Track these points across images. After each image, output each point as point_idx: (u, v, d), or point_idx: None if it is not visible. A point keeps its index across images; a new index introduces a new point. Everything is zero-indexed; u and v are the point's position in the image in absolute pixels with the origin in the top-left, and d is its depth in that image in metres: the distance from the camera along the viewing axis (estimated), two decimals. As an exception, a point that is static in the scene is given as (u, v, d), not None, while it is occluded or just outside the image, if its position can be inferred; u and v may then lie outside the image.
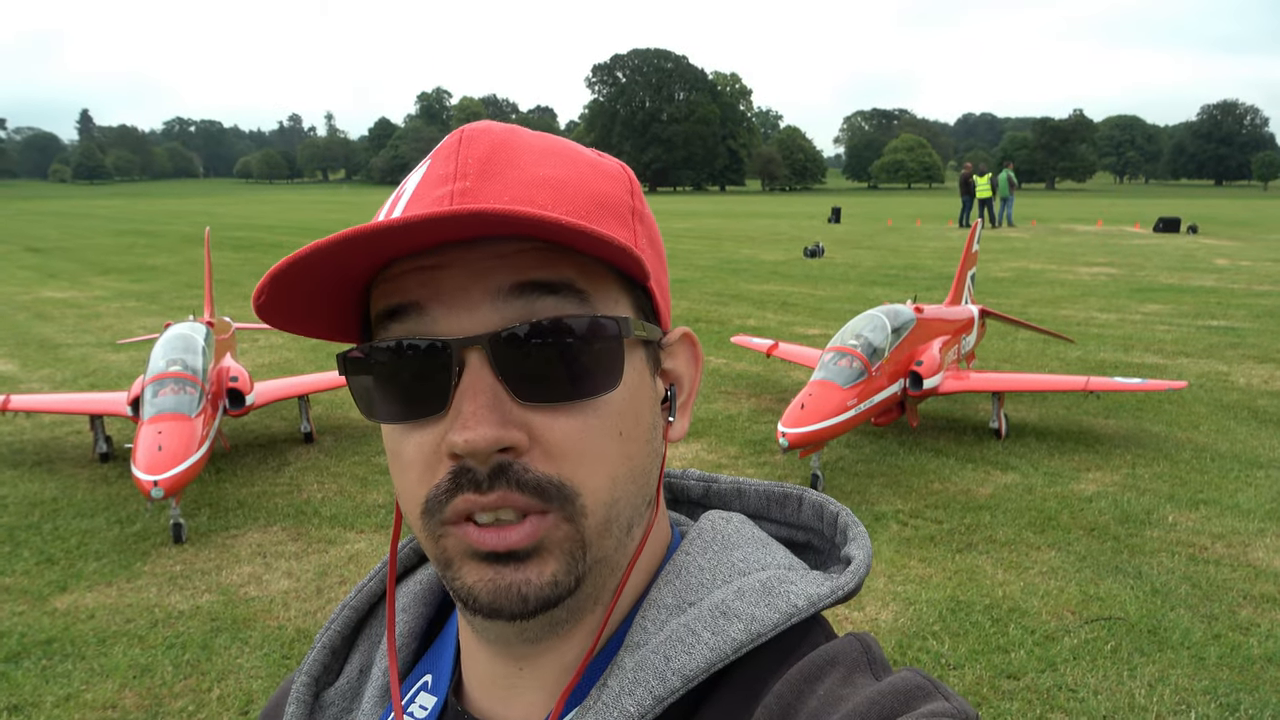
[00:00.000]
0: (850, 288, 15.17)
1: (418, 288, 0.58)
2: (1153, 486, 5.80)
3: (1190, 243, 23.72)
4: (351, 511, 5.53)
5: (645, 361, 0.64)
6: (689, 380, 0.69)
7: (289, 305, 0.60)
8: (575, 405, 0.58)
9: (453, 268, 0.57)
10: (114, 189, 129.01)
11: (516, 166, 0.60)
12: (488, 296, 0.57)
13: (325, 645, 0.75)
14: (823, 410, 5.57)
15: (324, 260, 0.55)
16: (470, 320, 0.57)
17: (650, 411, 0.64)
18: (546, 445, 0.57)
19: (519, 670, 0.65)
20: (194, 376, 5.54)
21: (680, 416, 0.68)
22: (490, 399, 0.56)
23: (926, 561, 4.78)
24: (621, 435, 0.60)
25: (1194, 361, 9.33)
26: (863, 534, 0.70)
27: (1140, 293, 14.31)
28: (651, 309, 0.65)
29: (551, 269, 0.58)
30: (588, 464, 0.58)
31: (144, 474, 4.71)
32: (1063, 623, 4.12)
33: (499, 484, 0.56)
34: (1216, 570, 4.62)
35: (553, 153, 0.62)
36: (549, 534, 0.57)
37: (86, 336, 11.47)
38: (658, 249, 0.68)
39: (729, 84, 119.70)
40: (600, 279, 0.60)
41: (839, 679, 0.58)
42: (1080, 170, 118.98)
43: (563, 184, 0.60)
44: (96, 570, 4.76)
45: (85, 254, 22.97)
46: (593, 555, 0.59)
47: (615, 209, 0.63)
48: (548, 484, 0.57)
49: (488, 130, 0.62)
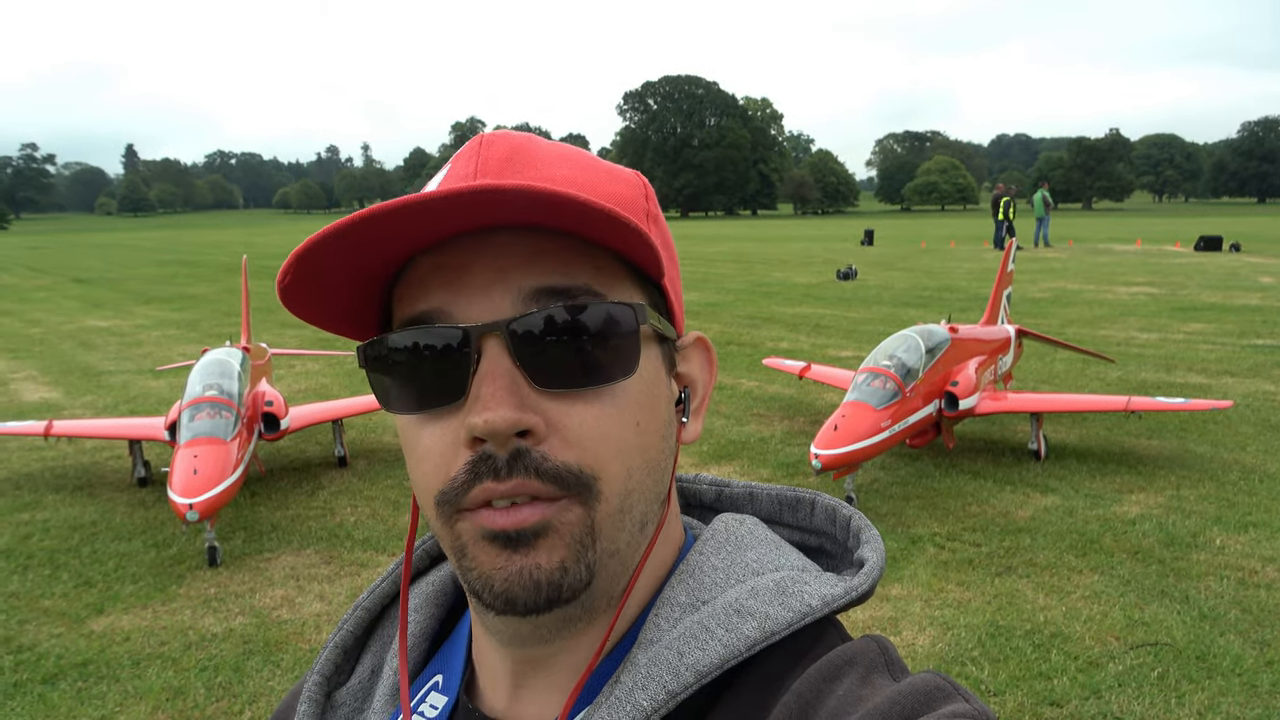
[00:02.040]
0: (884, 309, 15.05)
1: (439, 291, 0.59)
2: (1199, 509, 5.65)
3: (1233, 261, 23.26)
4: (384, 535, 5.55)
5: (660, 358, 0.64)
6: (703, 384, 0.70)
7: (312, 290, 0.60)
8: (592, 392, 0.59)
9: (475, 268, 0.58)
10: (157, 221, 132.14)
11: (535, 167, 0.61)
12: (509, 294, 0.58)
13: (337, 645, 0.76)
14: (856, 432, 5.50)
15: (348, 239, 0.56)
16: (489, 311, 0.58)
17: (665, 408, 0.64)
18: (564, 432, 0.58)
19: (531, 670, 0.65)
20: (230, 401, 5.60)
21: (694, 419, 0.68)
22: (509, 383, 0.57)
23: (965, 585, 4.68)
24: (638, 426, 0.61)
25: (1239, 381, 9.11)
26: (875, 537, 0.70)
27: (1182, 312, 14.03)
28: (665, 308, 0.66)
29: (569, 273, 0.59)
30: (605, 451, 0.59)
31: (179, 497, 4.76)
32: (1107, 648, 4.01)
33: (517, 470, 0.56)
34: (1268, 595, 4.47)
35: (568, 158, 0.64)
36: (559, 516, 0.58)
37: (128, 364, 11.69)
38: (671, 254, 0.68)
39: (760, 109, 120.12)
40: (616, 277, 0.61)
41: (858, 679, 0.58)
42: (1117, 190, 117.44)
43: (578, 184, 0.61)
44: (133, 593, 4.81)
45: (129, 284, 23.49)
46: (603, 545, 0.59)
47: (632, 210, 0.64)
48: (565, 471, 0.57)
49: (506, 135, 0.64)
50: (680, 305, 0.68)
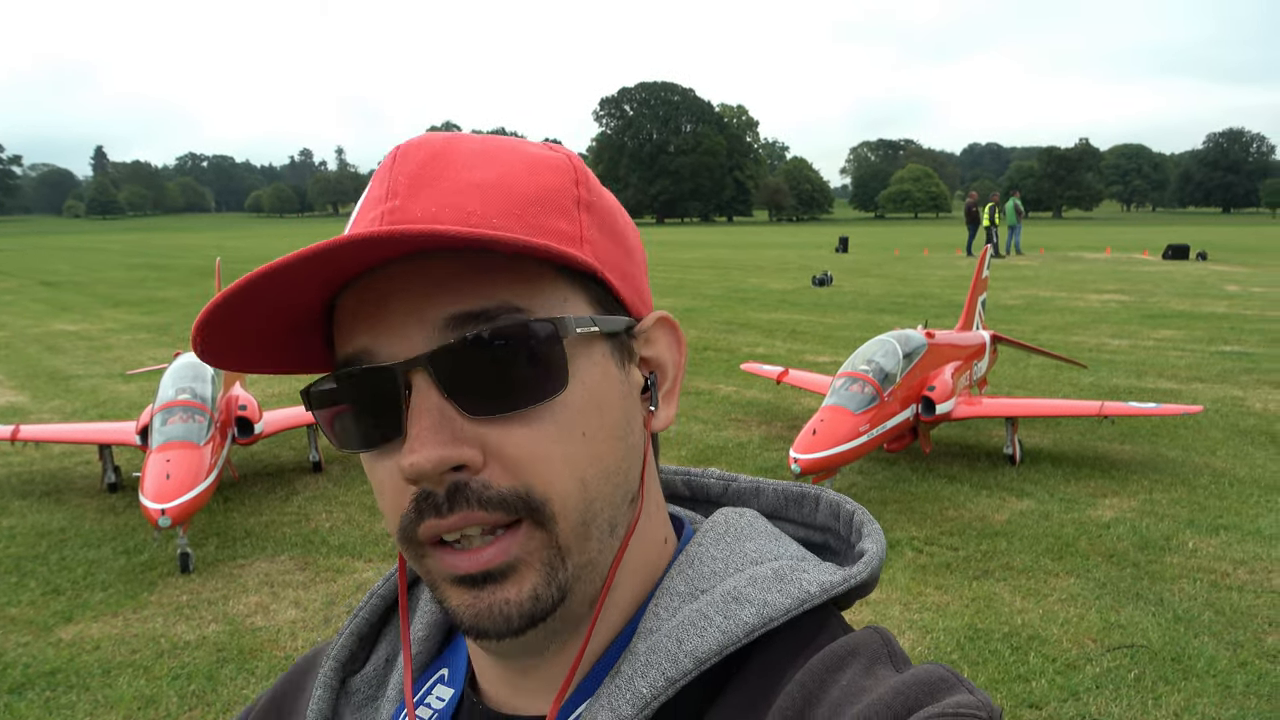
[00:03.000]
0: (859, 315, 15.14)
1: (363, 333, 0.58)
2: (1171, 512, 5.72)
3: (1200, 269, 23.65)
4: (360, 540, 5.49)
5: (609, 354, 0.62)
6: (672, 365, 0.67)
7: (236, 342, 0.60)
8: (526, 413, 0.57)
9: (393, 301, 0.57)
10: (127, 224, 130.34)
11: (445, 177, 0.59)
12: (424, 327, 0.57)
13: (353, 632, 0.76)
14: (835, 436, 5.52)
15: (253, 299, 0.55)
16: (409, 346, 0.57)
17: (619, 406, 0.62)
18: (504, 458, 0.57)
19: (524, 674, 0.65)
20: (203, 405, 5.53)
21: (665, 404, 0.66)
22: (436, 419, 0.56)
23: (943, 589, 4.71)
24: (585, 436, 0.59)
25: (1209, 387, 9.25)
26: (877, 530, 0.70)
27: (1152, 319, 14.23)
28: (613, 299, 0.63)
29: (486, 294, 0.57)
30: (551, 470, 0.57)
31: (151, 502, 4.69)
32: (1084, 651, 4.04)
33: (458, 505, 0.56)
34: (1240, 597, 4.53)
35: (488, 155, 0.61)
36: (522, 547, 0.57)
37: (97, 368, 11.50)
38: (616, 236, 0.65)
39: (735, 116, 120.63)
40: (541, 283, 0.59)
41: (861, 669, 0.57)
42: (1087, 199, 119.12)
43: (493, 186, 0.59)
44: (102, 600, 4.72)
45: (97, 287, 23.14)
46: (575, 561, 0.59)
47: (554, 202, 0.61)
48: (512, 496, 0.56)
49: (423, 144, 0.61)
50: (636, 290, 0.65)
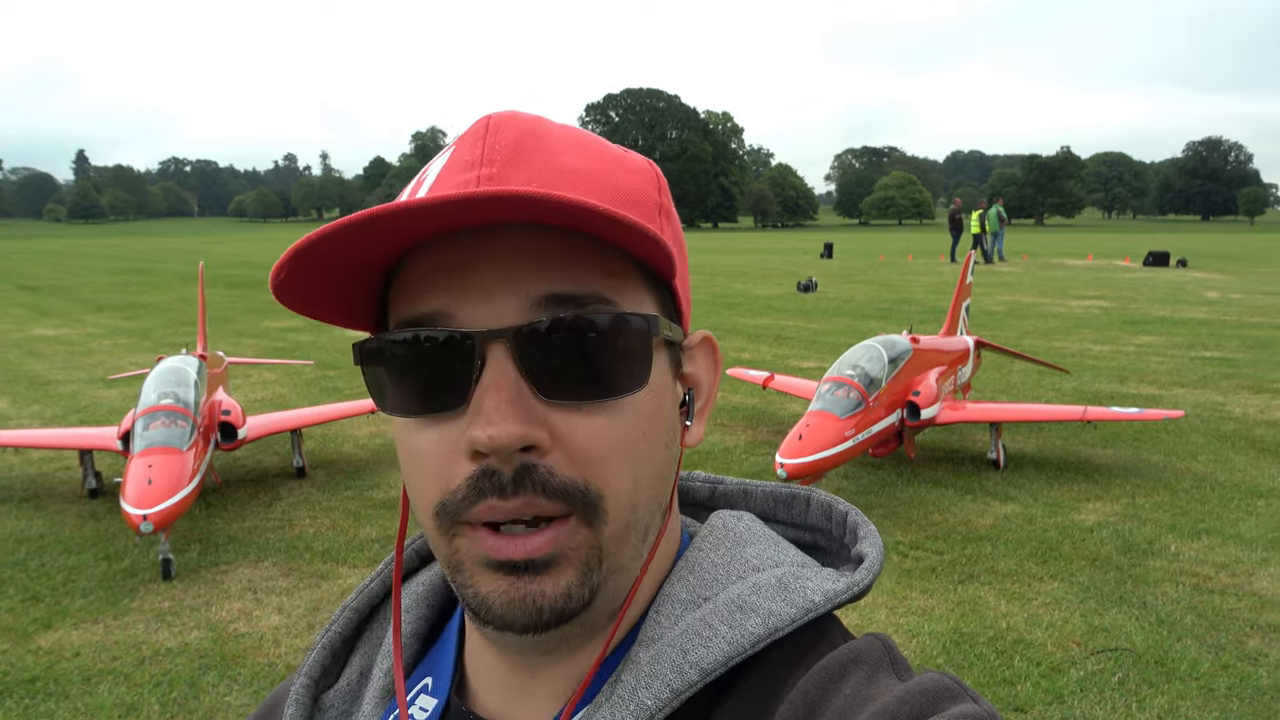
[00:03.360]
0: (844, 321, 15.20)
1: (440, 293, 0.56)
2: (1154, 516, 5.76)
3: (1180, 276, 23.88)
4: (344, 546, 5.45)
5: (667, 363, 0.62)
6: (708, 385, 0.68)
7: (306, 287, 0.58)
8: (600, 405, 0.56)
9: (478, 271, 0.56)
10: (109, 228, 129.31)
11: (543, 155, 0.58)
12: (515, 299, 0.55)
13: (325, 647, 0.74)
14: (821, 441, 5.54)
15: (346, 241, 0.54)
16: (494, 316, 0.55)
17: (671, 414, 0.62)
18: (570, 447, 0.55)
19: (528, 675, 0.63)
20: (186, 410, 5.48)
21: (697, 422, 0.66)
22: (514, 395, 0.54)
23: (928, 593, 4.72)
24: (645, 436, 0.59)
25: (1189, 392, 9.33)
26: (873, 532, 0.69)
27: (1133, 325, 14.35)
28: (675, 309, 0.64)
29: (578, 279, 0.56)
30: (612, 466, 0.56)
31: (133, 508, 4.64)
32: (1068, 654, 4.06)
33: (524, 488, 0.54)
34: (1222, 600, 4.57)
35: (579, 144, 0.61)
36: (568, 542, 0.56)
37: (78, 373, 11.39)
38: (681, 249, 0.66)
39: (721, 122, 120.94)
40: (627, 280, 0.58)
41: (863, 678, 0.56)
42: (1069, 206, 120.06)
43: (590, 175, 0.59)
44: (83, 607, 4.66)
45: (78, 292, 22.92)
46: (609, 564, 0.58)
47: (642, 203, 0.61)
48: (573, 488, 0.55)
49: (515, 117, 0.61)
50: (689, 305, 0.66)
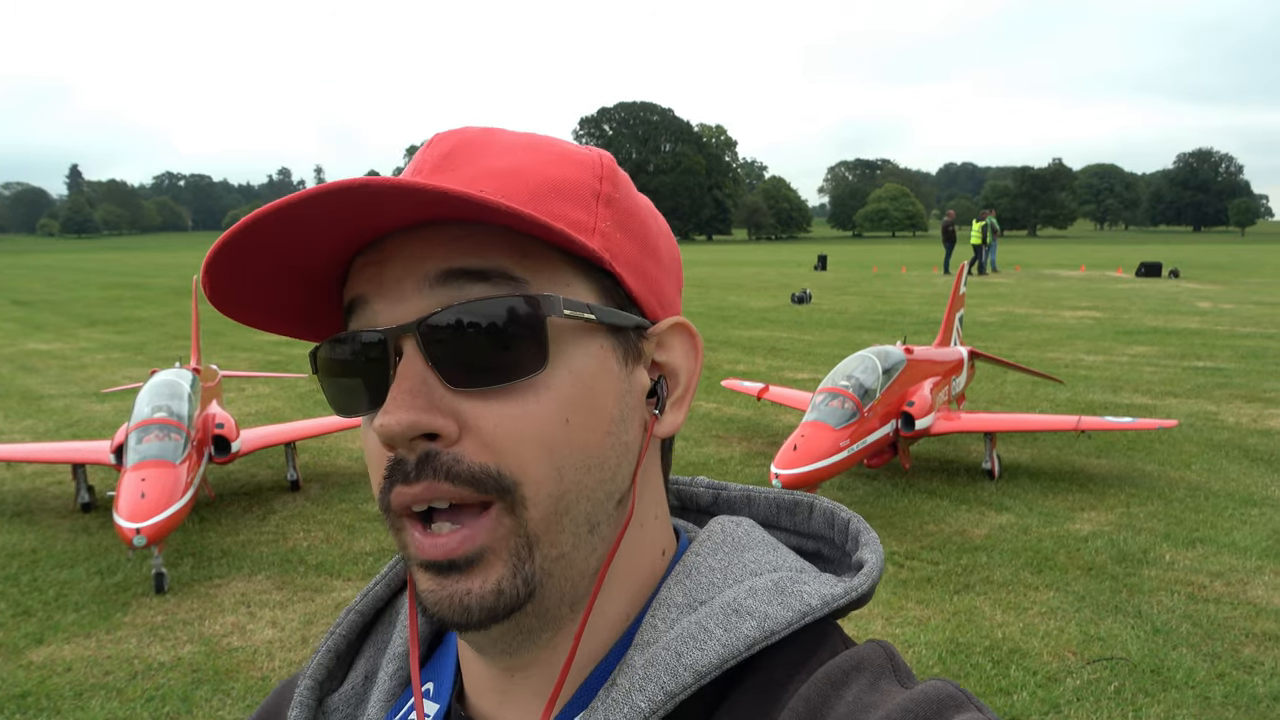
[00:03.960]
0: (838, 333, 15.22)
1: (364, 283, 0.59)
2: (1148, 525, 5.77)
3: (1172, 287, 23.97)
4: (338, 559, 5.43)
5: (609, 349, 0.60)
6: (686, 373, 0.66)
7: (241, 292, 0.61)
8: (506, 390, 0.56)
9: (394, 260, 0.58)
10: (102, 243, 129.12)
11: (469, 162, 0.59)
12: (418, 285, 0.57)
13: (330, 650, 0.73)
14: (816, 451, 5.54)
15: (253, 244, 0.56)
16: (404, 309, 0.57)
17: (615, 402, 0.60)
18: (480, 434, 0.56)
19: (510, 678, 0.63)
20: (179, 423, 5.46)
21: (673, 410, 0.65)
22: (415, 385, 0.55)
23: (924, 603, 4.71)
24: (569, 423, 0.57)
25: (1182, 401, 9.36)
26: (874, 539, 0.68)
27: (1126, 335, 14.40)
28: (627, 297, 0.62)
29: (483, 255, 0.57)
30: (526, 451, 0.56)
31: (126, 521, 4.62)
32: (1064, 664, 4.05)
33: (425, 474, 0.55)
34: (1217, 609, 4.57)
35: (518, 146, 0.61)
36: (491, 534, 0.56)
37: (71, 387, 11.36)
38: (637, 236, 0.64)
39: (714, 135, 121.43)
40: (546, 264, 0.58)
41: (866, 685, 0.56)
42: (1061, 217, 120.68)
43: (511, 173, 0.59)
44: (75, 622, 4.63)
45: (71, 306, 22.87)
46: (542, 552, 0.57)
47: (571, 192, 0.60)
48: (482, 473, 0.55)
49: (458, 132, 0.62)
50: (655, 292, 0.64)
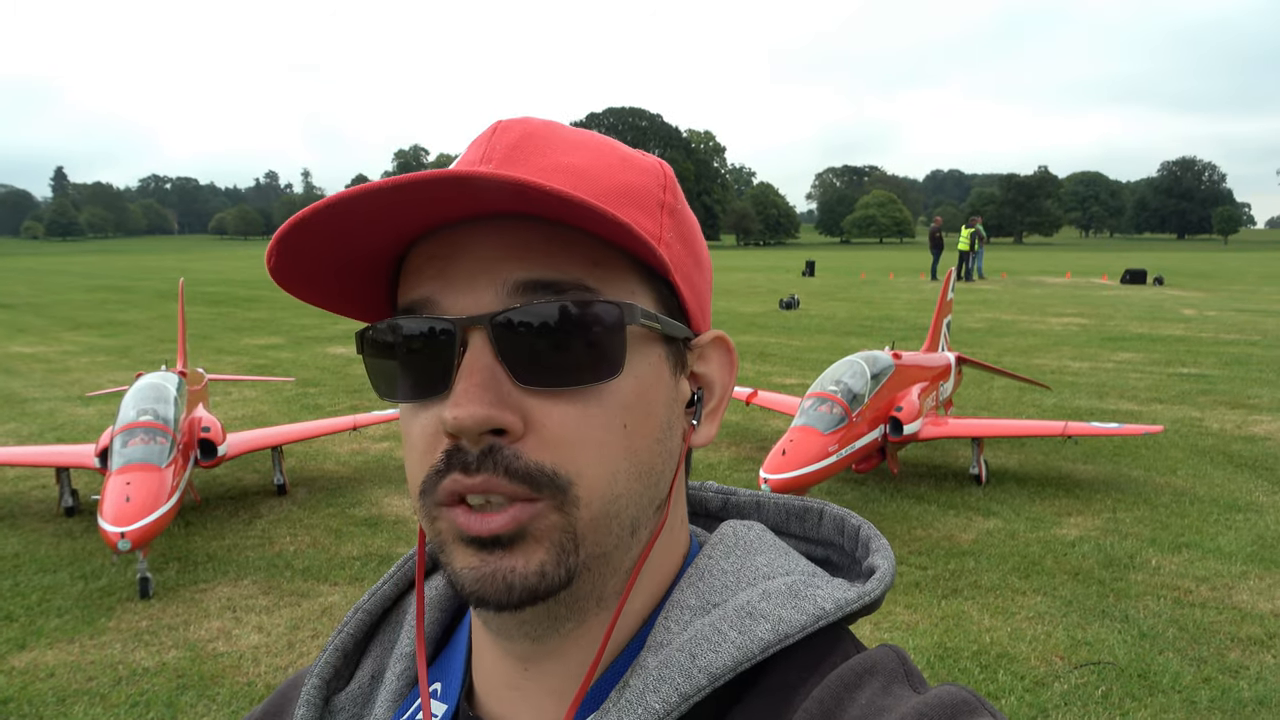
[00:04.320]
0: (826, 338, 15.26)
1: (430, 281, 0.59)
2: (1134, 530, 5.80)
3: (1157, 294, 24.16)
4: (325, 564, 5.40)
5: (664, 358, 0.62)
6: (721, 386, 0.68)
7: (302, 271, 0.61)
8: (575, 392, 0.57)
9: (463, 258, 0.58)
10: (88, 246, 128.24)
11: (542, 154, 0.60)
12: (494, 286, 0.57)
13: (338, 648, 0.73)
14: (804, 456, 5.55)
15: (319, 226, 0.56)
16: (475, 304, 0.57)
17: (666, 410, 0.62)
18: (542, 432, 0.56)
19: (524, 671, 0.63)
20: (165, 426, 5.42)
21: (708, 422, 0.67)
22: (485, 378, 0.56)
23: (912, 608, 4.72)
24: (626, 428, 0.58)
25: (1168, 408, 9.42)
26: (885, 546, 0.69)
27: (1111, 342, 14.50)
28: (678, 307, 0.64)
29: (559, 266, 0.57)
30: (585, 454, 0.57)
31: (111, 525, 4.58)
32: (1052, 668, 4.07)
33: (486, 467, 0.55)
34: (1203, 613, 4.60)
35: (585, 144, 0.62)
36: (535, 522, 0.56)
37: (55, 390, 11.26)
38: (691, 249, 0.66)
39: (703, 141, 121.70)
40: (614, 271, 0.59)
41: (879, 689, 0.56)
42: (1047, 225, 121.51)
43: (586, 172, 0.60)
44: (58, 627, 4.59)
45: (56, 309, 22.69)
46: (587, 549, 0.58)
47: (640, 199, 0.62)
48: (538, 472, 0.56)
49: (523, 122, 0.62)
50: (700, 303, 0.66)
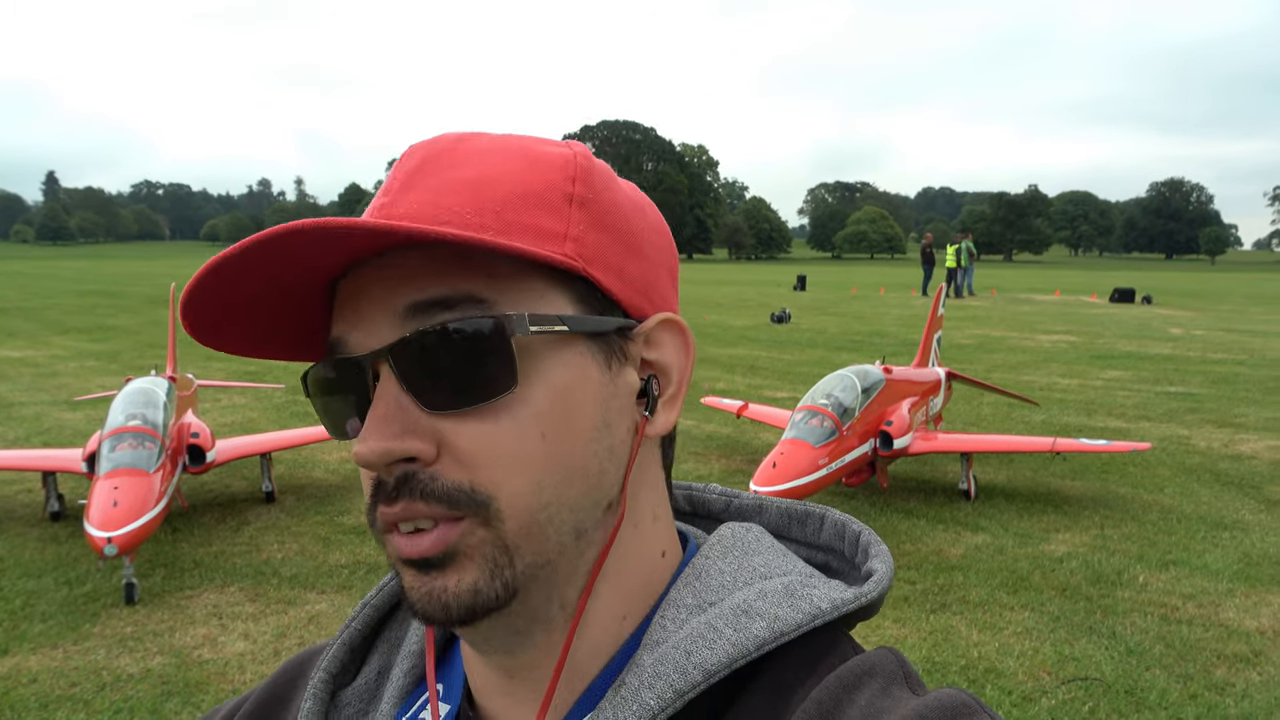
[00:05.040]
0: (817, 352, 15.31)
1: (340, 321, 0.60)
2: (1122, 547, 5.82)
3: (1145, 312, 24.32)
4: (313, 572, 5.37)
5: (589, 354, 0.60)
6: (678, 371, 0.65)
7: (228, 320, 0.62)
8: (481, 410, 0.57)
9: (367, 293, 0.59)
10: (78, 250, 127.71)
11: (436, 174, 0.60)
12: (389, 316, 0.58)
13: (345, 643, 0.74)
14: (795, 469, 5.56)
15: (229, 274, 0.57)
16: (377, 338, 0.58)
17: (598, 408, 0.60)
18: (455, 452, 0.57)
19: (510, 679, 0.64)
20: (154, 431, 5.40)
21: (665, 410, 0.64)
22: (390, 410, 0.57)
23: (901, 622, 4.73)
24: (545, 436, 0.57)
25: (1155, 425, 9.48)
26: (885, 552, 0.68)
27: (1100, 359, 14.58)
28: (607, 299, 0.62)
29: (450, 283, 0.57)
30: (501, 468, 0.57)
31: (97, 530, 4.55)
32: (1039, 684, 4.08)
33: (403, 494, 0.56)
34: (1189, 630, 4.62)
35: (486, 153, 0.61)
36: (462, 540, 0.56)
37: (42, 395, 11.20)
38: (618, 233, 0.63)
39: (696, 155, 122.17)
40: (513, 279, 0.58)
41: (878, 690, 0.56)
42: (1036, 243, 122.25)
43: (478, 183, 0.59)
44: (42, 632, 4.55)
45: (45, 314, 22.57)
46: (524, 561, 0.57)
47: (540, 198, 0.60)
48: (456, 491, 0.56)
49: (429, 143, 0.62)
50: (640, 288, 0.63)
